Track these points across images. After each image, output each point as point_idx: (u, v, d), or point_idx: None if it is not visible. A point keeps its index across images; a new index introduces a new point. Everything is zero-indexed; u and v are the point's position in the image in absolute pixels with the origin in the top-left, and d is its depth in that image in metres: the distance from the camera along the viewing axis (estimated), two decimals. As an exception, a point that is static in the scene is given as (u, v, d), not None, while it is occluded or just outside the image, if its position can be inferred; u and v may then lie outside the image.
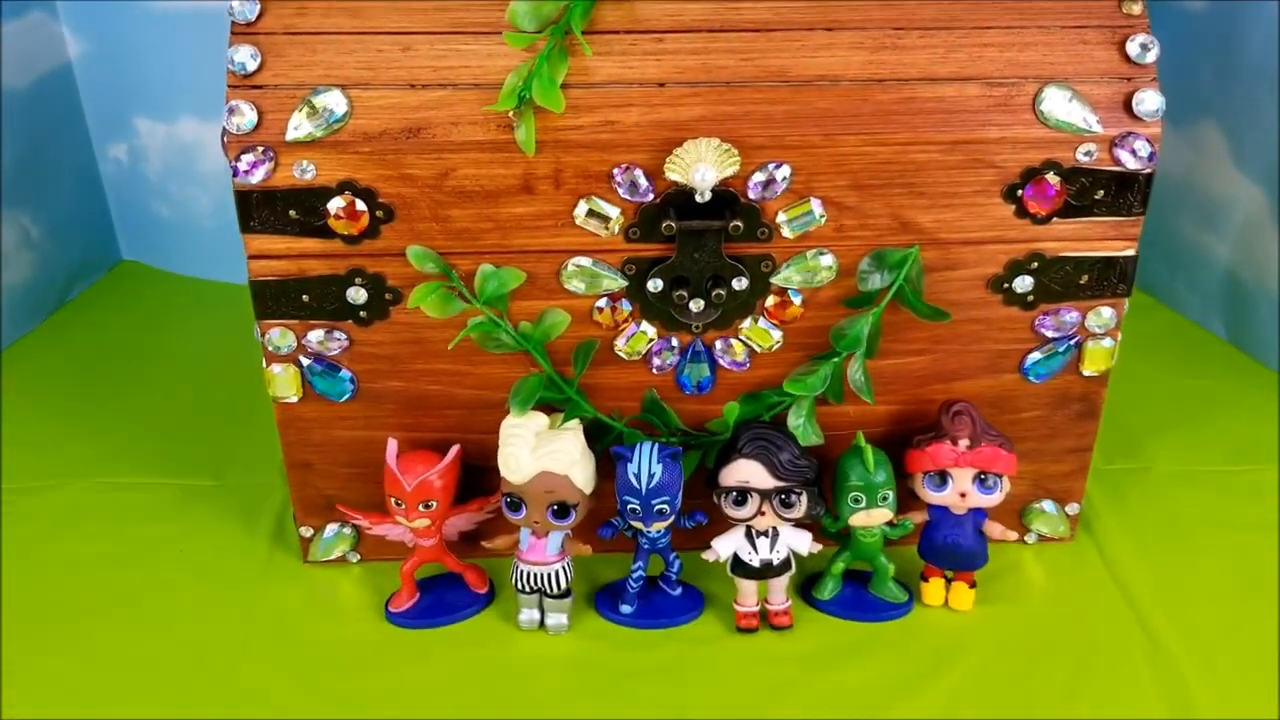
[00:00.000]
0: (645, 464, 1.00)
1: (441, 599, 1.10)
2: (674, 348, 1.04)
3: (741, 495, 1.02)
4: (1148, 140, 0.97)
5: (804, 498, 1.02)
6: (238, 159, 0.95)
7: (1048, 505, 1.15)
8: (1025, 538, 1.17)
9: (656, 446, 1.01)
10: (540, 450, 1.00)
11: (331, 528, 1.14)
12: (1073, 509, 1.15)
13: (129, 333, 1.56)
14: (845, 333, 1.02)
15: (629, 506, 1.01)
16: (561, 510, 1.01)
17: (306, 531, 1.14)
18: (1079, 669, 1.02)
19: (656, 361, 1.05)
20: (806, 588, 1.11)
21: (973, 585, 1.09)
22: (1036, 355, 1.06)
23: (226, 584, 1.12)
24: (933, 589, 1.09)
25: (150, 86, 1.54)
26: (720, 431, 1.07)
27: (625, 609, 1.08)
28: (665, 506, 1.01)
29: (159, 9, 1.48)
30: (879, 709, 0.99)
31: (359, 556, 1.15)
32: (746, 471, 1.01)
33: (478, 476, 1.09)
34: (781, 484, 1.01)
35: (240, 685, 1.01)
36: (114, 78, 1.55)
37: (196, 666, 1.03)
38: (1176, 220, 1.53)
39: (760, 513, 1.02)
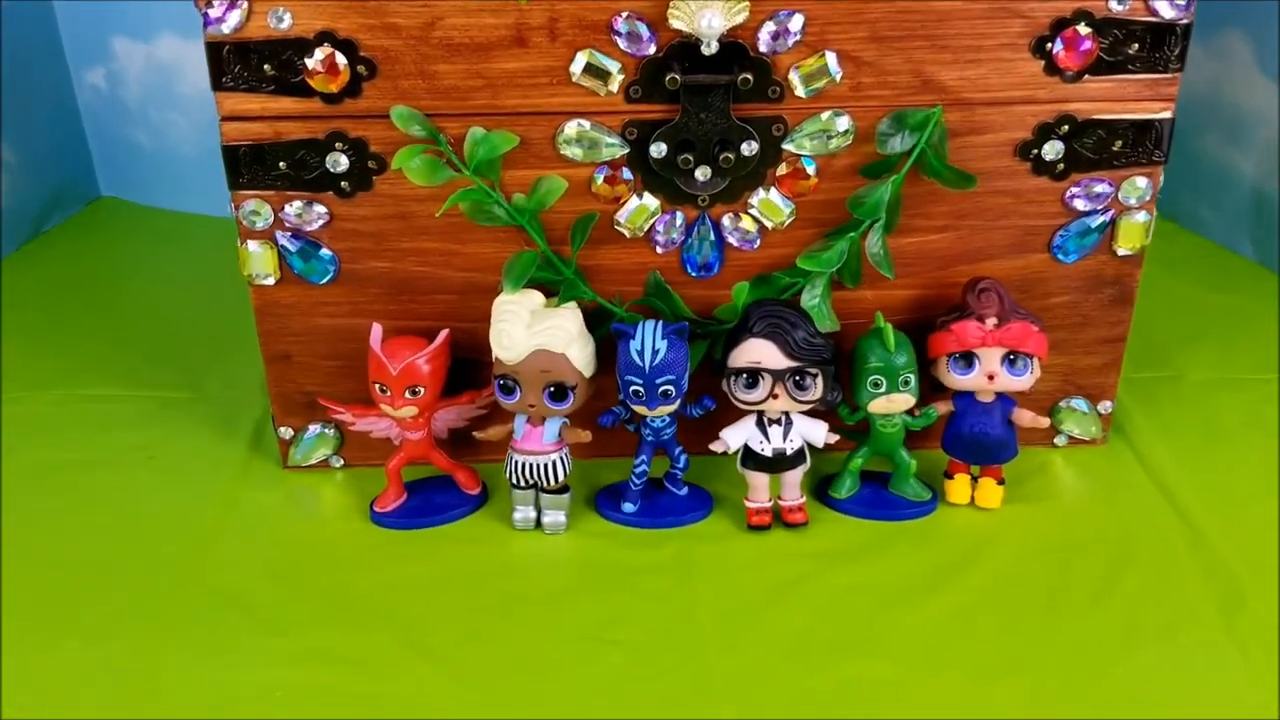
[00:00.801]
0: (649, 340, 0.93)
1: (430, 500, 1.02)
2: (679, 223, 0.97)
3: (753, 377, 0.94)
4: (1188, -14, 0.90)
5: (819, 379, 0.95)
6: (209, 5, 0.88)
7: (1079, 403, 1.08)
8: (1055, 440, 1.09)
9: (661, 323, 0.94)
10: (536, 327, 0.93)
11: (313, 428, 1.06)
12: (1105, 407, 1.08)
13: (107, 261, 1.49)
14: (864, 200, 0.94)
15: (632, 388, 0.94)
16: (559, 392, 0.94)
17: (286, 433, 1.06)
18: (1120, 564, 0.95)
19: (660, 238, 0.98)
20: (822, 489, 1.03)
21: (1001, 482, 1.01)
22: (1067, 231, 0.99)
23: (200, 489, 1.05)
24: (958, 486, 1.02)
25: (128, 3, 1.48)
26: (728, 319, 0.99)
27: (628, 507, 1.00)
28: (670, 387, 0.93)
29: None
30: (901, 604, 0.91)
31: (342, 461, 1.08)
32: (758, 351, 0.94)
33: (470, 371, 1.02)
34: (795, 364, 0.94)
35: (210, 583, 0.94)
36: (92, -4, 1.49)
37: (165, 566, 0.96)
38: (1201, 140, 1.46)
39: (773, 395, 0.94)
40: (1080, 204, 0.98)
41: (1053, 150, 0.95)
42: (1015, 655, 0.86)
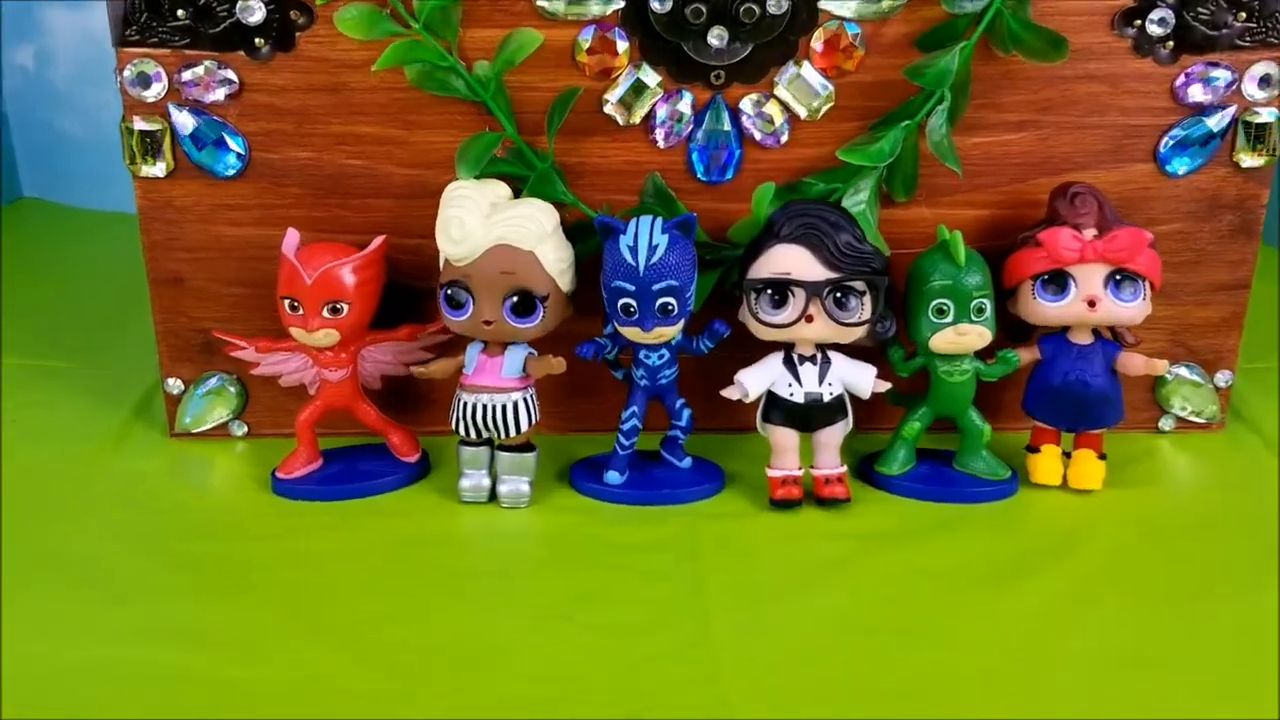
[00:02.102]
0: (645, 235, 0.71)
1: (353, 467, 0.79)
2: (685, 110, 0.76)
3: (780, 292, 0.72)
4: None
5: (866, 299, 0.72)
6: None
7: (1190, 372, 0.85)
8: (1160, 423, 0.86)
9: (661, 219, 0.72)
10: (498, 217, 0.71)
11: (209, 382, 0.83)
12: (1224, 379, 0.85)
13: (19, 256, 1.27)
14: (926, 69, 0.73)
15: (621, 301, 0.71)
16: (524, 304, 0.71)
17: (175, 386, 0.83)
18: (1270, 553, 0.70)
19: (662, 126, 0.77)
20: (867, 467, 0.79)
21: (1102, 456, 0.78)
22: (1178, 133, 0.78)
23: (63, 455, 0.81)
24: (1045, 462, 0.78)
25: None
26: (744, 241, 0.77)
27: (612, 478, 0.77)
28: (671, 300, 0.71)
29: None
30: (978, 590, 0.67)
31: (246, 428, 0.84)
32: (788, 259, 0.72)
33: (413, 304, 0.79)
34: (836, 275, 0.71)
35: (54, 550, 0.70)
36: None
37: (15, 531, 0.71)
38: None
39: (806, 318, 0.72)
40: (1194, 94, 0.77)
41: (1160, 22, 0.75)
42: (1138, 648, 0.63)
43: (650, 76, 0.76)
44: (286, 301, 0.74)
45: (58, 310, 1.09)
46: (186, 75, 0.75)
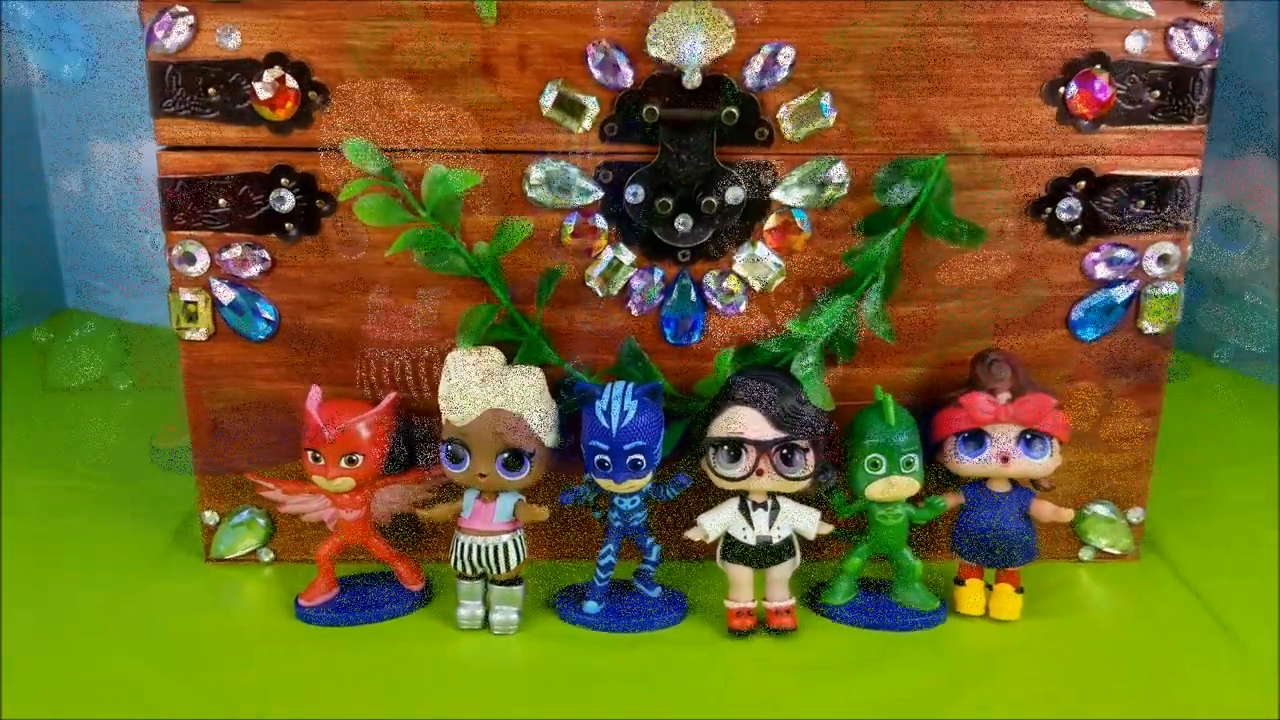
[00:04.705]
0: (617, 401, 0.82)
1: (364, 595, 0.89)
2: (657, 281, 0.88)
3: (735, 449, 0.83)
4: (1209, 29, 0.83)
5: (809, 456, 0.83)
6: (157, 17, 0.82)
7: (1106, 510, 0.95)
8: (1080, 554, 0.96)
9: (632, 385, 0.83)
10: (491, 385, 0.82)
11: (241, 514, 0.94)
12: (1136, 516, 0.95)
13: (62, 370, 1.39)
14: (859, 254, 0.85)
15: (597, 457, 0.82)
16: (514, 460, 0.82)
17: (211, 518, 0.94)
18: (1164, 684, 0.81)
19: (636, 298, 0.88)
20: (815, 597, 0.90)
21: (1020, 590, 0.88)
22: (1088, 304, 0.89)
23: (110, 579, 0.92)
24: (970, 594, 0.88)
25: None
26: (709, 395, 0.88)
27: (590, 607, 0.87)
28: (640, 456, 0.82)
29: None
30: None
31: (273, 554, 0.95)
32: (741, 420, 0.83)
33: (421, 453, 0.91)
34: (782, 434, 0.82)
35: (104, 673, 0.80)
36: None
37: (60, 656, 0.82)
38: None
39: (757, 470, 0.83)
40: (1101, 272, 0.88)
41: (1068, 209, 0.87)
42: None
43: (626, 255, 0.87)
44: (310, 453, 0.85)
45: (97, 429, 1.21)
46: (226, 254, 0.87)
